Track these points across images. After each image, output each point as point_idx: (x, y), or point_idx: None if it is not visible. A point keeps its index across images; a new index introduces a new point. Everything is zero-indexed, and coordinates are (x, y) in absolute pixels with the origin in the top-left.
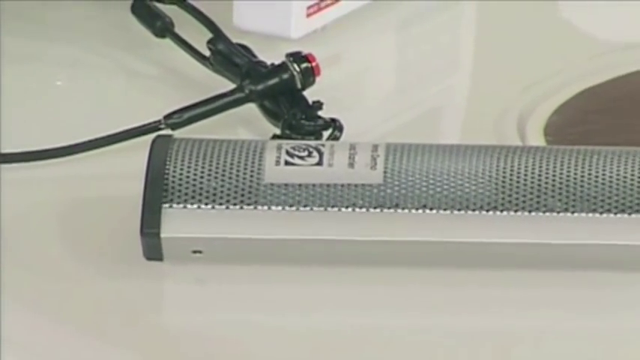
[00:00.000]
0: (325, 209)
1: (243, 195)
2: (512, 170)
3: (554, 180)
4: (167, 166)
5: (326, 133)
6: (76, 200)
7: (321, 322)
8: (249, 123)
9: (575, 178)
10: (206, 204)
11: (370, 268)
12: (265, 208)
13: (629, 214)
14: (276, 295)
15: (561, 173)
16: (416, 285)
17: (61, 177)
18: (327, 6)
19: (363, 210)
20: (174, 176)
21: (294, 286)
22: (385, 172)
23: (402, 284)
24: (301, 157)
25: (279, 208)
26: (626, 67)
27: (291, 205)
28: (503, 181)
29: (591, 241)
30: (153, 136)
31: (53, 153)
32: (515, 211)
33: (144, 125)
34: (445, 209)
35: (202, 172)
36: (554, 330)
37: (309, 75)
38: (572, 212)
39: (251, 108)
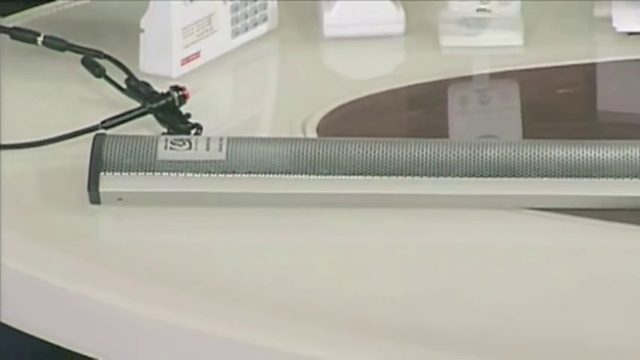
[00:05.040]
0: (193, 175)
1: (146, 167)
2: (300, 152)
3: (323, 156)
4: (103, 150)
5: (193, 132)
6: (50, 170)
7: (198, 241)
8: (149, 126)
9: (334, 154)
10: (125, 172)
11: (217, 208)
12: (159, 174)
13: (373, 176)
14: (167, 224)
15: (326, 152)
16: (247, 217)
17: (41, 157)
18: (193, 59)
19: (215, 175)
20: (107, 156)
21: (179, 220)
22: (227, 153)
23: (235, 215)
24: (179, 145)
25: (167, 174)
26: (365, 92)
27: (174, 172)
28: (296, 158)
29: (347, 192)
30: (94, 133)
31: (39, 143)
32: (302, 174)
33: (89, 127)
34: (264, 174)
35: (123, 154)
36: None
37: (183, 98)
38: (334, 175)
39: (150, 117)
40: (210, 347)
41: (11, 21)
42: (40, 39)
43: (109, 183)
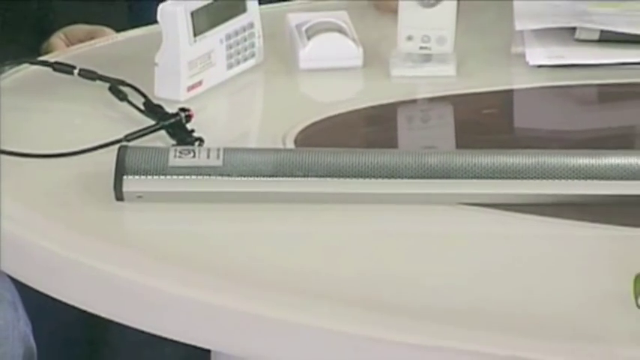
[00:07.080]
0: (196, 177)
1: (160, 171)
2: (282, 159)
3: (300, 162)
4: (126, 158)
5: (196, 143)
6: (84, 174)
7: (199, 229)
8: (162, 139)
9: (309, 161)
10: (143, 175)
11: (215, 204)
12: (169, 177)
13: (339, 178)
14: (175, 216)
15: (302, 159)
16: (239, 211)
17: (77, 164)
18: (196, 86)
19: (213, 177)
20: (128, 162)
21: (185, 212)
22: (223, 160)
23: (229, 210)
24: (186, 154)
25: (176, 177)
26: (332, 112)
27: (181, 175)
28: (278, 164)
29: (319, 191)
30: (119, 145)
31: (76, 152)
32: (283, 177)
33: (115, 140)
34: (252, 176)
35: (141, 161)
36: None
37: (189, 117)
38: (308, 177)
39: (163, 133)
40: (203, 313)
41: (53, 57)
42: (76, 71)
43: (130, 184)
